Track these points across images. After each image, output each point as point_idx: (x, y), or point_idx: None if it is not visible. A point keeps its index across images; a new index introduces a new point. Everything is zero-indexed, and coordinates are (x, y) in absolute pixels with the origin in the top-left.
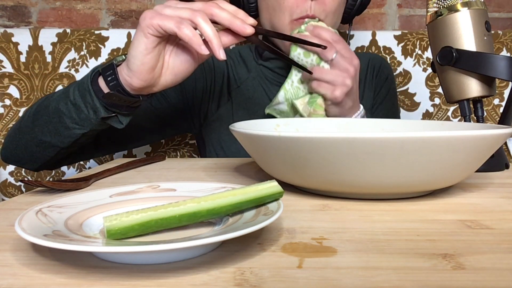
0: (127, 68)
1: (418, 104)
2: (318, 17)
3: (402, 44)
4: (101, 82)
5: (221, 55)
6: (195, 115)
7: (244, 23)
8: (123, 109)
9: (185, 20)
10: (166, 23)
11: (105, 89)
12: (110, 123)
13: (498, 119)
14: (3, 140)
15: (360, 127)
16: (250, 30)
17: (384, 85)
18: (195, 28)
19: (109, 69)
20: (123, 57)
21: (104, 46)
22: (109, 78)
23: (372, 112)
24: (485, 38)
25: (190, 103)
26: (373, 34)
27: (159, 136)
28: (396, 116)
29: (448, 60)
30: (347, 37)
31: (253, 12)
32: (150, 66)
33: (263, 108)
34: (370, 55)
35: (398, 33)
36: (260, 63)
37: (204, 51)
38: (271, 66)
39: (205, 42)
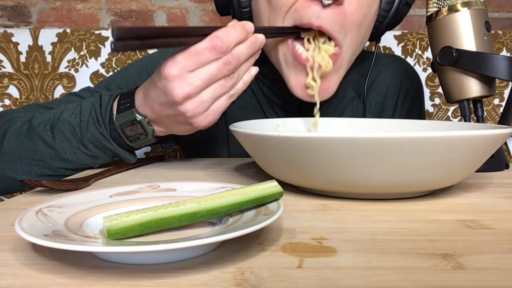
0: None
1: None
2: (328, 31)
3: (402, 44)
4: (125, 136)
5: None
6: None
7: (256, 38)
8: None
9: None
10: (222, 108)
11: (128, 141)
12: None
13: (498, 119)
14: None
15: (360, 127)
16: (261, 38)
17: (417, 99)
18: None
19: (141, 134)
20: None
21: (104, 46)
22: (141, 137)
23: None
24: (485, 38)
25: None
26: None
27: None
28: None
29: (448, 60)
30: (371, 59)
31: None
32: None
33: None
34: (397, 59)
35: (398, 33)
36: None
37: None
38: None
39: None
